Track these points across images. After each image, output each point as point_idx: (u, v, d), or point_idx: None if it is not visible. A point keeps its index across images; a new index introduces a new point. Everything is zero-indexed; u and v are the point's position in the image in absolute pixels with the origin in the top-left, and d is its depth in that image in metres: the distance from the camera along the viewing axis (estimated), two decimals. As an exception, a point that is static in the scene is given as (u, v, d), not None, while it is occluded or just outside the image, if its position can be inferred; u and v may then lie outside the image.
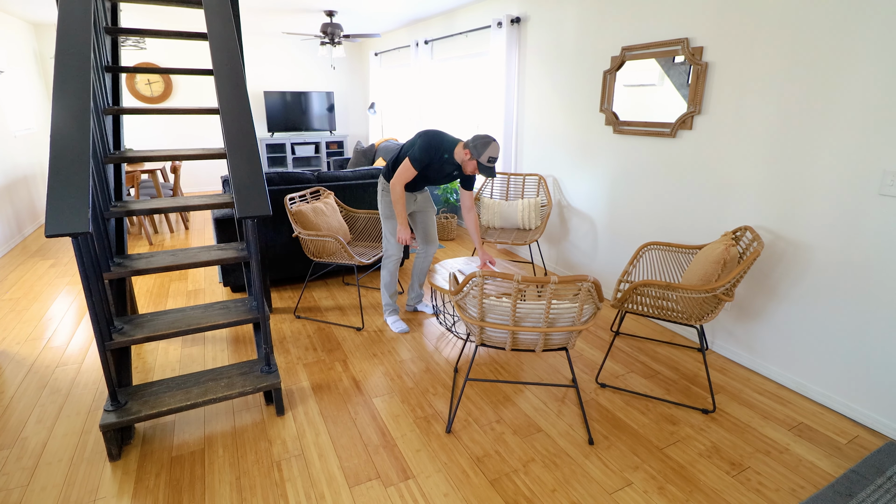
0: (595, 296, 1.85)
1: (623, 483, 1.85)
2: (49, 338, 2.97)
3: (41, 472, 1.90)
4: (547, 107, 3.92)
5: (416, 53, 5.78)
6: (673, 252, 2.74)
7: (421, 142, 2.66)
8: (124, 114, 2.37)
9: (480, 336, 2.05)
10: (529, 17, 3.98)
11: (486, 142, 2.57)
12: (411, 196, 2.93)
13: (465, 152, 2.64)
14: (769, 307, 2.52)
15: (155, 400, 2.02)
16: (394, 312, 3.13)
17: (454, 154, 2.71)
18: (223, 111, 2.09)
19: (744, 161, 2.54)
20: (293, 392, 2.42)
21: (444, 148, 2.68)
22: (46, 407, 2.30)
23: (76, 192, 1.64)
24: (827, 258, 2.25)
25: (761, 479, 1.87)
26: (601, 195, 3.51)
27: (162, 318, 2.22)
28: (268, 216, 1.93)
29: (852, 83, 2.07)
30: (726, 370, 2.63)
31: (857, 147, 2.08)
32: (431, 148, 2.66)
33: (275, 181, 3.57)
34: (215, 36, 2.26)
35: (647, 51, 2.95)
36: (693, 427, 2.17)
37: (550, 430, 2.14)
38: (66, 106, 1.81)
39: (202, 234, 5.28)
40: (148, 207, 2.25)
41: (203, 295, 3.62)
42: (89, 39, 1.98)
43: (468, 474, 1.89)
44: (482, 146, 2.57)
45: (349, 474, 1.89)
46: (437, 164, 2.71)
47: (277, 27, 6.60)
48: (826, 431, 2.15)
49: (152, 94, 7.02)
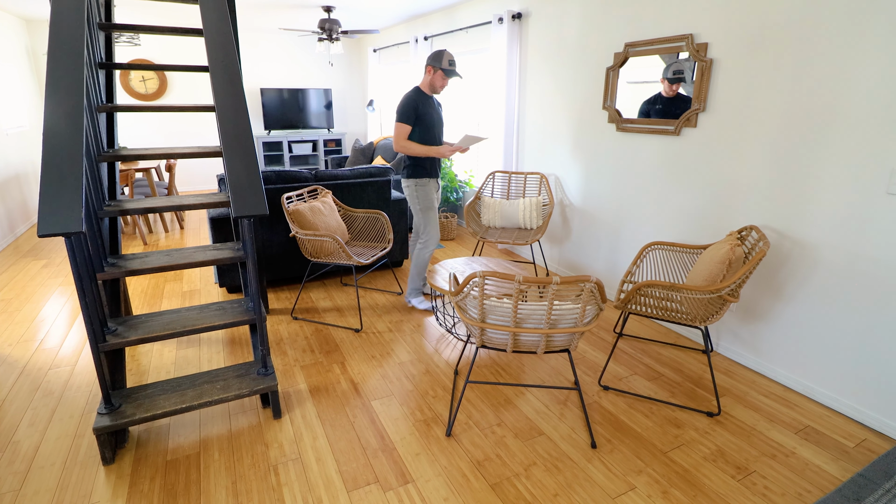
0: (598, 297, 1.85)
1: (626, 487, 1.85)
2: (42, 339, 2.97)
3: (34, 476, 1.90)
4: (549, 104, 3.92)
5: (415, 50, 5.78)
6: (677, 252, 2.74)
7: (398, 106, 2.99)
8: (118, 111, 2.37)
9: (481, 338, 2.05)
10: (531, 13, 3.98)
11: (437, 52, 2.93)
12: (435, 182, 3.17)
13: (428, 70, 2.96)
14: (775, 308, 2.52)
15: (149, 403, 2.02)
16: (419, 294, 3.34)
17: (424, 87, 3.01)
18: (219, 108, 2.09)
19: (749, 159, 2.54)
20: (290, 395, 2.42)
21: (415, 90, 3.00)
22: (39, 410, 2.30)
23: (69, 191, 1.64)
24: (834, 258, 2.25)
25: (767, 484, 1.87)
26: (604, 194, 3.51)
27: (157, 319, 2.22)
28: (264, 215, 1.93)
29: (860, 80, 2.07)
30: (731, 372, 2.63)
31: (865, 145, 2.08)
32: (408, 99, 2.96)
33: (272, 180, 3.57)
34: (211, 32, 2.26)
35: (651, 47, 2.95)
36: (698, 430, 2.17)
37: (552, 434, 2.14)
38: (59, 103, 1.81)
39: (198, 234, 5.28)
40: (142, 206, 2.25)
41: (198, 296, 3.62)
42: (82, 35, 1.98)
43: (468, 478, 1.89)
44: (437, 55, 2.92)
45: (347, 478, 1.89)
46: (424, 107, 2.99)
47: (274, 23, 6.61)
48: (833, 435, 2.15)
49: (147, 91, 7.02)
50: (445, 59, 2.91)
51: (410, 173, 3.09)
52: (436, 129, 3.07)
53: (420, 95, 2.99)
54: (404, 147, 2.98)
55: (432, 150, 2.99)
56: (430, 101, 3.04)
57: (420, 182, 3.10)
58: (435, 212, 3.16)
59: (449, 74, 2.95)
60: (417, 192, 3.11)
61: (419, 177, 3.09)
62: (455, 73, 2.96)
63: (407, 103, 2.95)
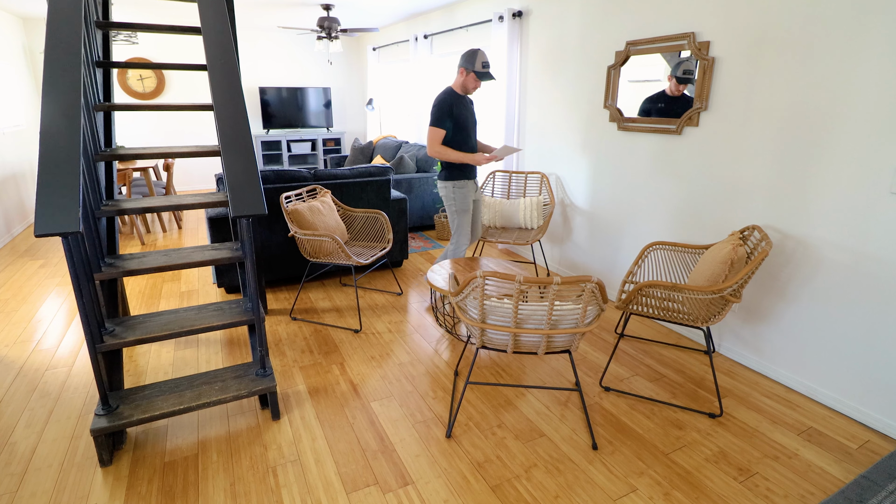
0: (599, 297, 1.85)
1: (628, 489, 1.85)
2: (38, 340, 2.97)
3: (30, 477, 1.90)
4: (549, 103, 3.92)
5: (415, 48, 5.78)
6: (679, 252, 2.74)
7: (432, 108, 2.94)
8: (116, 110, 2.37)
9: (481, 338, 2.05)
10: (531, 11, 3.98)
11: (471, 52, 2.85)
12: (473, 183, 3.15)
13: (461, 71, 2.91)
14: (778, 308, 2.52)
15: (147, 404, 2.02)
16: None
17: (456, 88, 2.96)
18: (217, 107, 2.09)
19: (752, 158, 2.54)
20: (289, 396, 2.42)
21: (448, 91, 2.95)
22: (36, 411, 2.30)
23: (66, 191, 1.64)
24: (837, 258, 2.25)
25: (769, 486, 1.87)
26: (605, 193, 3.51)
27: (154, 319, 2.22)
28: (263, 215, 1.93)
29: (863, 79, 2.07)
30: (734, 373, 2.63)
31: (869, 144, 2.08)
32: (441, 102, 2.91)
33: (270, 179, 3.57)
34: (209, 30, 2.26)
35: (653, 45, 2.95)
36: (699, 432, 2.16)
37: (553, 435, 2.14)
38: (55, 102, 1.81)
39: (195, 234, 5.28)
40: (140, 206, 2.25)
41: (196, 296, 3.62)
42: (80, 34, 1.98)
43: (469, 480, 1.89)
44: (470, 56, 2.86)
45: (346, 480, 1.89)
46: (458, 109, 2.94)
47: (273, 21, 6.60)
48: (836, 436, 2.15)
49: (144, 89, 7.02)
50: (479, 61, 2.84)
51: (447, 175, 3.07)
52: (470, 130, 3.03)
53: (454, 96, 2.93)
54: (439, 153, 2.92)
55: (467, 157, 2.94)
56: (464, 102, 2.99)
57: (458, 184, 3.06)
58: (469, 215, 3.15)
59: (481, 77, 2.89)
60: (455, 195, 3.08)
61: (456, 179, 3.06)
62: (488, 76, 2.88)
63: (441, 106, 2.89)
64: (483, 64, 2.84)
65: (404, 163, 5.23)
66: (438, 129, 2.90)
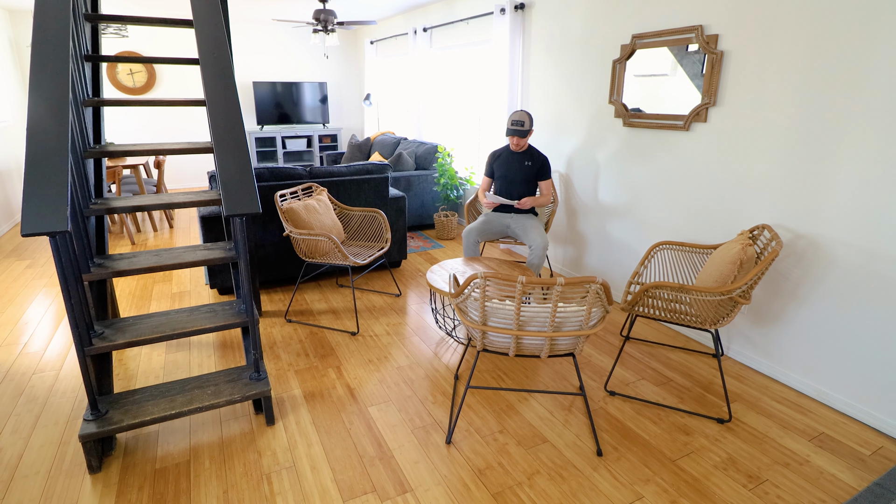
0: (604, 298, 1.85)
1: (633, 497, 1.85)
2: (25, 343, 2.97)
3: (17, 485, 1.90)
4: (553, 98, 3.93)
5: (414, 41, 5.78)
6: (686, 252, 2.74)
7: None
8: (105, 105, 2.38)
9: (482, 341, 2.05)
10: (534, 3, 3.98)
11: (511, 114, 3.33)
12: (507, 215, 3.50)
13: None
14: (788, 310, 2.52)
15: (137, 409, 2.02)
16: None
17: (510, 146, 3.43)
18: (210, 103, 2.09)
19: (761, 156, 2.54)
20: (284, 400, 2.42)
21: (501, 149, 3.50)
22: (22, 416, 2.30)
23: (54, 189, 1.64)
24: (850, 258, 2.25)
25: (780, 493, 1.87)
26: (610, 191, 3.51)
27: (145, 321, 2.22)
28: (257, 214, 1.94)
29: (876, 74, 2.07)
30: (743, 377, 2.64)
31: (882, 141, 2.08)
32: (490, 156, 3.55)
33: (264, 177, 3.57)
34: (201, 23, 2.26)
35: (659, 39, 2.95)
36: (708, 437, 2.17)
37: (556, 441, 2.14)
38: (43, 97, 1.81)
39: (187, 233, 5.28)
40: (130, 205, 2.25)
41: (188, 297, 3.62)
42: (68, 27, 1.98)
43: (469, 487, 1.89)
44: (509, 119, 3.32)
45: (343, 487, 1.89)
46: (501, 160, 3.46)
47: (267, 14, 6.61)
48: (849, 442, 2.15)
49: (135, 84, 7.02)
50: (510, 121, 3.31)
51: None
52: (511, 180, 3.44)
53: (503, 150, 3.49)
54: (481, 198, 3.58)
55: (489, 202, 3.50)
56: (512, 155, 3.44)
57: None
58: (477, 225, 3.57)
59: (507, 133, 3.32)
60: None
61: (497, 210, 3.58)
62: (511, 132, 3.29)
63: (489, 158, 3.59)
64: (512, 122, 3.29)
65: (403, 160, 5.23)
66: (485, 177, 3.59)
